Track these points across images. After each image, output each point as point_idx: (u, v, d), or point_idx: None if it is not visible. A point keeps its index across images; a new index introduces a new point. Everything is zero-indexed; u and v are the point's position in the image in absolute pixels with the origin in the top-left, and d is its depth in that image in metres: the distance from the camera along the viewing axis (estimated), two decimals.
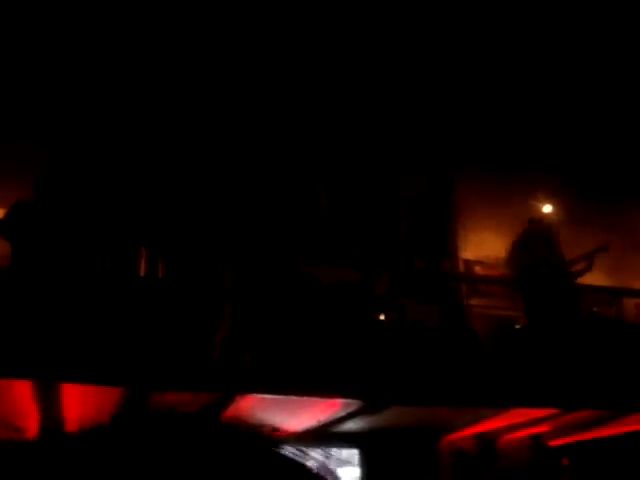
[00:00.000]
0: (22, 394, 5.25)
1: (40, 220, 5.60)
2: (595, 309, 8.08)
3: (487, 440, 7.39)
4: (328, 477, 0.84)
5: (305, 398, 5.67)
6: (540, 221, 7.42)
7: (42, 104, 7.34)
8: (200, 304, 5.67)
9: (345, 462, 6.87)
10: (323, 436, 6.77)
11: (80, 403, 5.55)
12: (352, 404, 5.90)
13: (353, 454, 6.97)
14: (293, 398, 5.60)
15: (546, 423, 7.01)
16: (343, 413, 6.17)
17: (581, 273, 7.31)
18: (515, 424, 7.00)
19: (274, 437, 0.87)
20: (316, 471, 0.84)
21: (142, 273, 6.42)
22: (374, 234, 7.84)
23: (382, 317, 7.03)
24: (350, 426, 6.60)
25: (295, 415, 6.17)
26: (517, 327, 7.43)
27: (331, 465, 0.87)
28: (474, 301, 7.80)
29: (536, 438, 7.54)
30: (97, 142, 7.37)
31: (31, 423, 5.88)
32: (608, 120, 8.56)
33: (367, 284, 6.57)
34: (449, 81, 8.06)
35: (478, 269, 8.69)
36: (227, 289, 5.94)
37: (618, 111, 8.46)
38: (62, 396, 5.35)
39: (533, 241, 7.13)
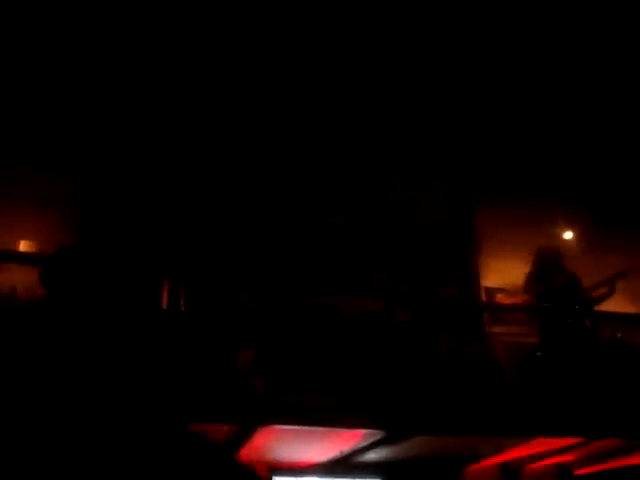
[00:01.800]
0: None
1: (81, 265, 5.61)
2: (619, 335, 8.00)
3: (511, 470, 7.31)
4: None
5: (327, 429, 5.65)
6: (550, 248, 7.39)
7: (66, 136, 7.46)
8: (221, 336, 5.69)
9: None
10: (347, 467, 6.75)
11: None
12: (375, 434, 5.88)
13: None
14: (315, 429, 5.59)
15: (571, 452, 6.93)
16: (366, 443, 6.14)
17: (603, 298, 7.27)
18: (539, 453, 6.93)
19: None
20: None
21: (164, 306, 6.46)
22: (394, 263, 7.83)
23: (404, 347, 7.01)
24: (373, 456, 6.57)
25: (317, 446, 6.16)
26: (539, 354, 7.37)
27: None
28: (496, 329, 7.77)
29: (561, 467, 7.46)
30: (121, 174, 7.45)
31: None
32: (628, 145, 8.55)
33: (389, 313, 6.56)
34: (470, 107, 8.10)
35: (500, 296, 8.65)
36: (249, 320, 5.97)
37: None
38: None
39: (545, 270, 7.12)
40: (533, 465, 7.35)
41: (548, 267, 7.17)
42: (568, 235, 7.96)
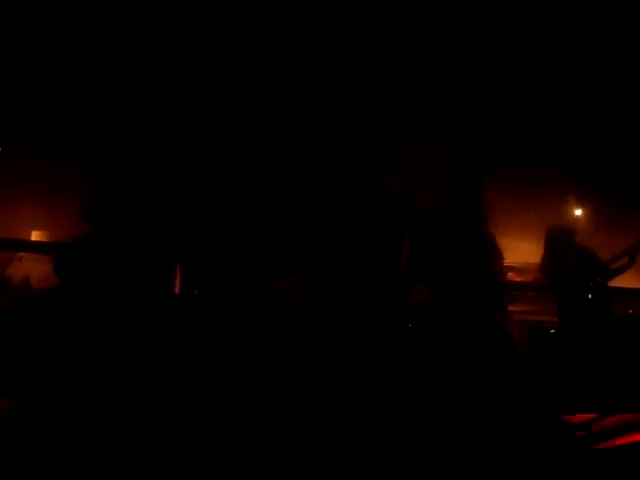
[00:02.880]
0: None
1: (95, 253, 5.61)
2: (630, 311, 8.00)
3: None
4: None
5: None
6: (559, 228, 7.38)
7: (75, 123, 7.48)
8: (235, 320, 5.71)
9: None
10: None
11: None
12: None
13: None
14: None
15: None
16: None
17: (623, 269, 7.24)
18: None
19: None
20: None
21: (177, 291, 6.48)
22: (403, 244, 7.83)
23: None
24: None
25: None
26: (552, 332, 7.38)
27: None
28: (509, 307, 7.75)
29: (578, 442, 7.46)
30: (131, 160, 7.46)
31: None
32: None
33: (401, 294, 6.57)
34: (478, 83, 8.07)
35: (511, 275, 8.65)
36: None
37: None
38: None
39: (558, 250, 7.12)
40: None
41: (560, 247, 7.17)
42: (577, 212, 7.94)
